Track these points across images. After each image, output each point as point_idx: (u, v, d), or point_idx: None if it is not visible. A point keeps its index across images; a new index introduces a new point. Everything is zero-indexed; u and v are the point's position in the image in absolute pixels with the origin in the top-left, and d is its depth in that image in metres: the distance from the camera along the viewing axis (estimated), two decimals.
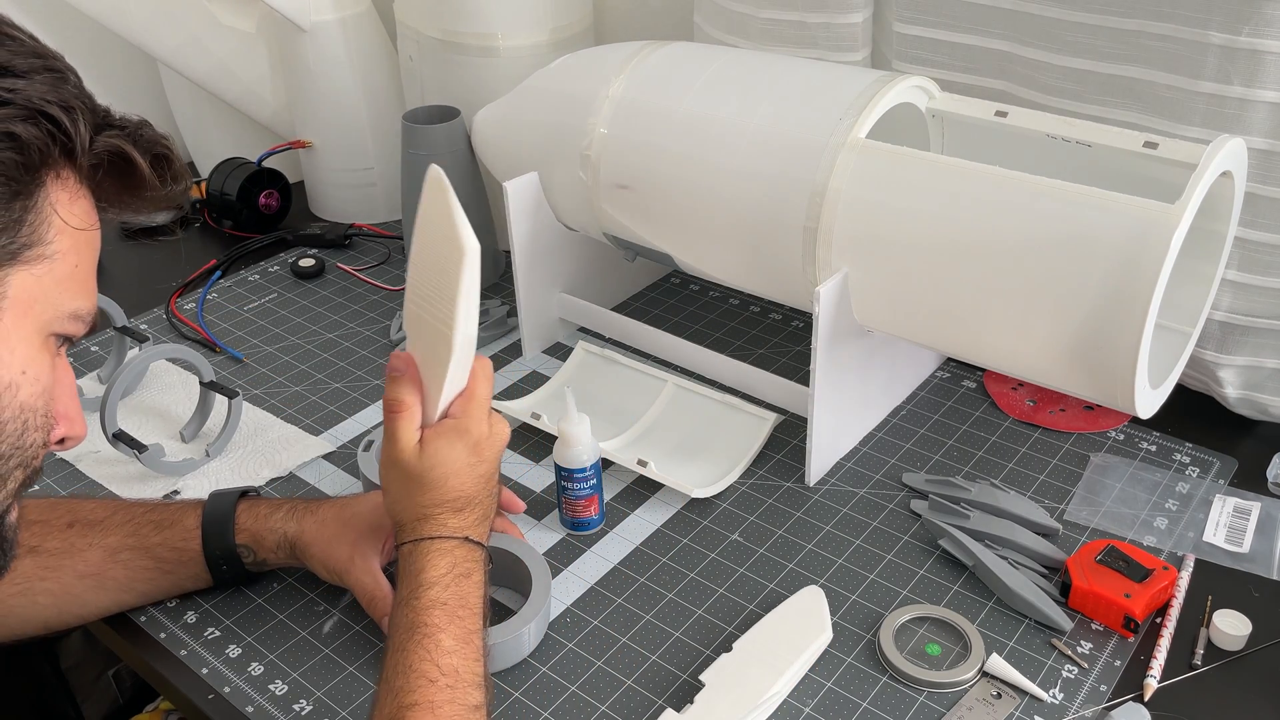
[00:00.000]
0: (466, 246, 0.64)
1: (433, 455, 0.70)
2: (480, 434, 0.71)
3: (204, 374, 0.99)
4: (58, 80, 0.51)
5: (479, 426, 0.71)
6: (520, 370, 1.11)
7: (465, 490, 0.71)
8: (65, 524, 0.79)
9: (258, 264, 1.33)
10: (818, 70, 0.92)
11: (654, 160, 0.94)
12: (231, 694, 0.76)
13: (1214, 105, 0.85)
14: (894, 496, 0.92)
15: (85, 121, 0.52)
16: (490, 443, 0.72)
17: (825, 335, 0.86)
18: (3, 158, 0.48)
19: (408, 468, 0.70)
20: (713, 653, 0.78)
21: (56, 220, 0.52)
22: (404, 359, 0.72)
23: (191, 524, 0.80)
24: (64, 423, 0.58)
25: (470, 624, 0.67)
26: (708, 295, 1.22)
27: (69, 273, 0.54)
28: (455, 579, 0.68)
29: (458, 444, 0.70)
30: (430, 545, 0.69)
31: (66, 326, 0.55)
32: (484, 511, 0.73)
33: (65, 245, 0.53)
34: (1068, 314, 0.76)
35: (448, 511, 0.70)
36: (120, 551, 0.79)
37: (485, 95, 1.14)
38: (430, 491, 0.70)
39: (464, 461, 0.70)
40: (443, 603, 0.67)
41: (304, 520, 0.80)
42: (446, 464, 0.70)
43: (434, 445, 0.70)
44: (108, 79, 1.54)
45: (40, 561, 0.77)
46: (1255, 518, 0.88)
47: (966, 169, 0.80)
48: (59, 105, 0.50)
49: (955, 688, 0.74)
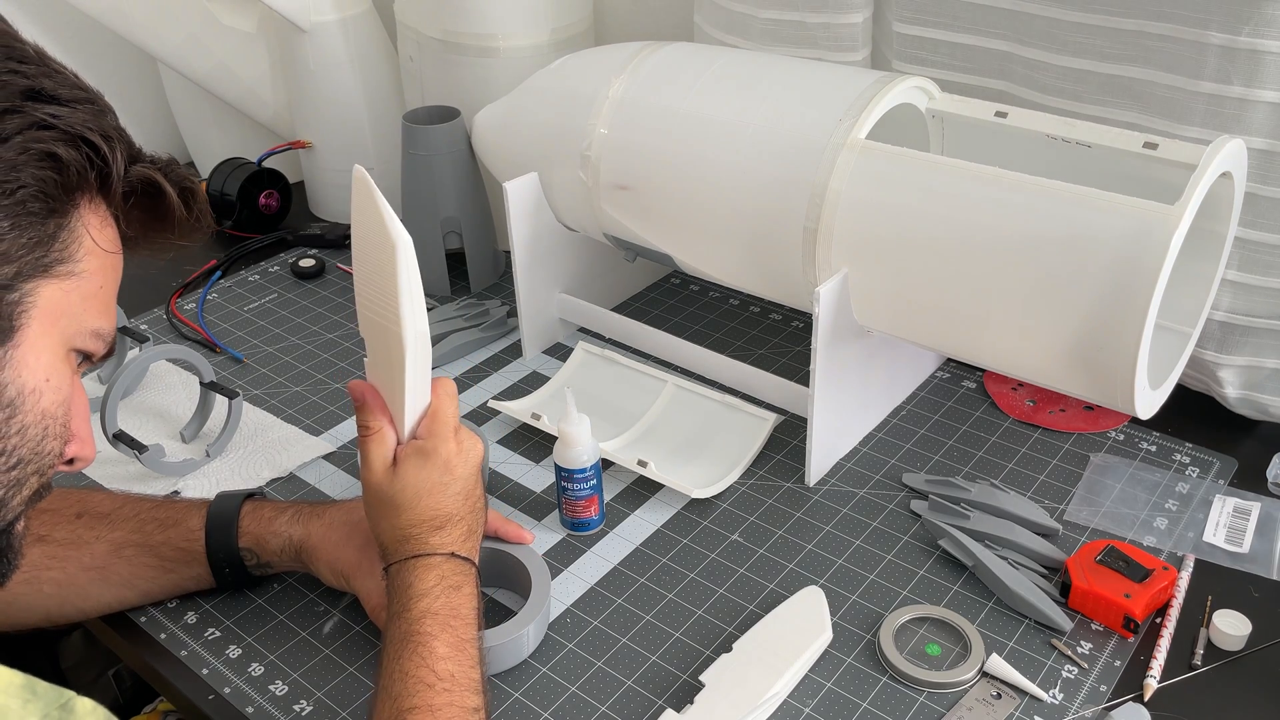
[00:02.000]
0: (397, 239, 0.65)
1: (402, 478, 0.71)
2: (448, 452, 0.72)
3: (204, 374, 0.99)
4: (98, 113, 0.55)
5: (445, 445, 0.72)
6: (520, 370, 1.11)
7: (442, 509, 0.71)
8: (74, 514, 0.80)
9: (258, 264, 1.33)
10: (818, 71, 0.92)
11: (654, 161, 0.94)
12: (232, 694, 0.76)
13: (1214, 105, 0.85)
14: (894, 497, 0.92)
15: (121, 152, 0.55)
16: (462, 459, 0.73)
17: (825, 335, 0.86)
18: (43, 176, 0.51)
19: (380, 491, 0.71)
20: (713, 653, 0.78)
21: (88, 241, 0.55)
22: (361, 386, 0.74)
23: (195, 525, 0.80)
24: (76, 442, 0.59)
25: (463, 632, 0.68)
26: (708, 295, 1.22)
27: (94, 292, 0.56)
28: (445, 590, 0.69)
29: (425, 465, 0.71)
30: (415, 562, 0.70)
31: (87, 343, 0.57)
32: (468, 527, 0.73)
33: (93, 266, 0.55)
34: (1068, 314, 0.76)
35: (427, 530, 0.71)
36: (125, 547, 0.79)
37: (485, 95, 1.14)
38: (405, 513, 0.71)
39: (435, 481, 0.71)
40: (434, 612, 0.68)
41: (309, 525, 0.80)
42: (417, 485, 0.71)
43: (403, 468, 0.71)
44: (108, 79, 1.52)
45: (47, 551, 0.78)
46: (1255, 518, 0.88)
47: (966, 169, 0.80)
48: (99, 134, 0.54)
49: (955, 688, 0.74)
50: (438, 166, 1.16)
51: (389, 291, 0.67)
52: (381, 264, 0.67)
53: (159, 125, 1.62)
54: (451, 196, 1.18)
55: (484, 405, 1.05)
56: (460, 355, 1.13)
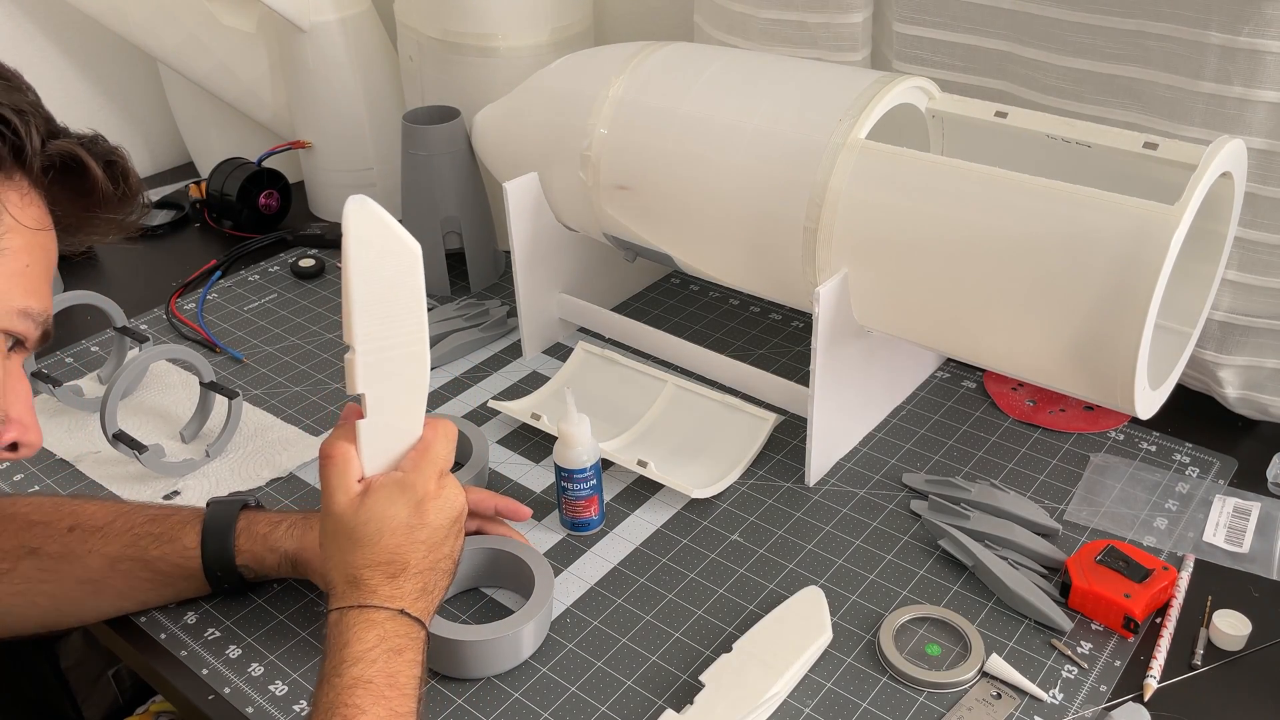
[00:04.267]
0: (415, 246, 0.64)
1: (369, 508, 0.66)
2: (425, 492, 0.67)
3: (204, 374, 0.99)
4: (11, 89, 0.54)
5: (425, 483, 0.67)
6: (520, 370, 1.11)
7: (401, 553, 0.66)
8: (66, 527, 0.78)
9: (258, 264, 1.33)
10: (818, 71, 0.92)
11: (654, 161, 0.94)
12: (231, 695, 0.76)
13: (1214, 105, 0.85)
14: (894, 497, 0.92)
15: (37, 127, 0.54)
16: (437, 505, 0.67)
17: (825, 335, 0.86)
18: None
19: (341, 519, 0.66)
20: (713, 653, 0.78)
21: (7, 218, 0.54)
22: (350, 408, 0.69)
23: (191, 543, 0.78)
24: (15, 428, 0.58)
25: (399, 705, 0.61)
26: (708, 295, 1.22)
27: (20, 270, 0.55)
28: (385, 654, 0.63)
29: (398, 498, 0.66)
30: (358, 615, 0.64)
31: (15, 324, 0.56)
32: (424, 584, 0.67)
33: (17, 244, 0.55)
34: (1067, 314, 0.76)
35: (380, 576, 0.65)
36: (120, 561, 0.78)
37: (485, 95, 1.14)
38: (362, 549, 0.65)
39: (402, 519, 0.66)
40: (367, 681, 0.61)
41: (303, 538, 0.78)
42: (382, 519, 0.65)
43: (373, 498, 0.66)
44: (108, 79, 1.54)
45: (40, 564, 0.77)
46: (1255, 518, 0.88)
47: (966, 169, 0.80)
48: (10, 108, 0.53)
49: (955, 688, 0.74)
50: (438, 166, 1.16)
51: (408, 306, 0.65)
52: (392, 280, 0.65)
53: (159, 125, 1.62)
54: (451, 196, 1.18)
55: (484, 405, 1.05)
56: (460, 355, 1.13)
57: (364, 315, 0.64)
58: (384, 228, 0.64)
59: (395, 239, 0.64)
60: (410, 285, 0.65)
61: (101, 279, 1.33)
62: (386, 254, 0.64)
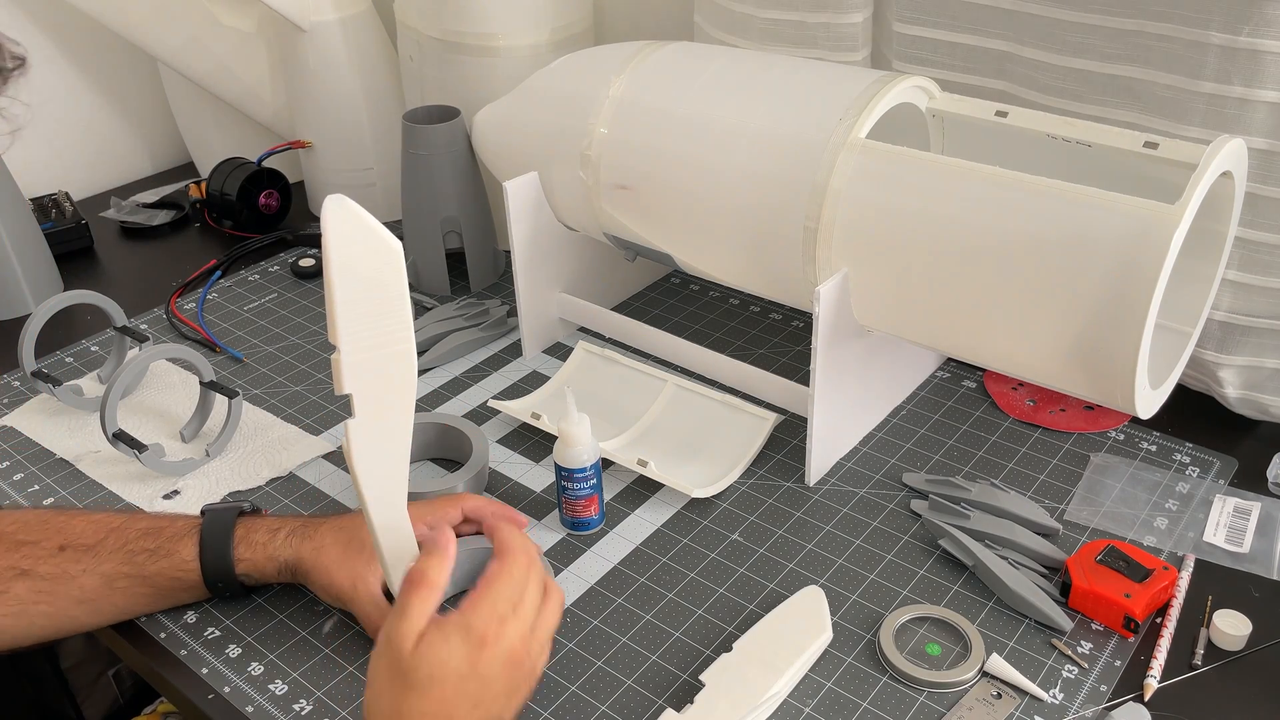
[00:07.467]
0: (396, 244, 0.63)
1: (424, 650, 0.59)
2: (484, 632, 0.60)
3: (204, 374, 0.99)
4: None
5: (484, 625, 0.60)
6: (520, 370, 1.11)
7: (447, 706, 0.59)
8: (56, 547, 0.77)
9: (258, 264, 1.33)
10: (818, 70, 0.92)
11: (654, 160, 0.94)
12: (231, 694, 0.76)
13: (1214, 105, 0.85)
14: (894, 496, 0.92)
15: None
16: (489, 656, 0.59)
17: (825, 335, 0.86)
18: None
19: (398, 654, 0.60)
20: (713, 653, 0.78)
21: None
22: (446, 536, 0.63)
23: (189, 555, 0.78)
24: None
25: None
26: (708, 295, 1.22)
27: None
28: None
29: (453, 638, 0.59)
30: None
31: None
32: None
33: None
34: (1068, 314, 0.76)
35: None
36: (117, 579, 0.77)
37: (485, 95, 1.14)
38: (410, 696, 0.59)
39: (454, 667, 0.59)
40: None
41: (301, 547, 0.78)
42: (433, 664, 0.59)
43: (429, 637, 0.59)
44: (108, 79, 1.54)
45: (34, 586, 0.76)
46: (1255, 518, 0.88)
47: (966, 169, 0.80)
48: None
49: (955, 688, 0.74)
50: (438, 166, 1.16)
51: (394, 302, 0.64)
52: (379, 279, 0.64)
53: (159, 125, 1.62)
54: (451, 196, 1.18)
55: (484, 405, 1.05)
56: (460, 355, 1.13)
57: (348, 315, 0.63)
58: (363, 227, 0.63)
59: (375, 237, 0.63)
60: (393, 283, 0.64)
61: (101, 278, 1.33)
62: (367, 253, 0.64)
